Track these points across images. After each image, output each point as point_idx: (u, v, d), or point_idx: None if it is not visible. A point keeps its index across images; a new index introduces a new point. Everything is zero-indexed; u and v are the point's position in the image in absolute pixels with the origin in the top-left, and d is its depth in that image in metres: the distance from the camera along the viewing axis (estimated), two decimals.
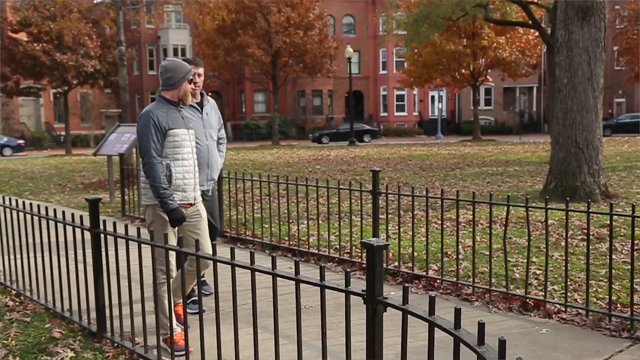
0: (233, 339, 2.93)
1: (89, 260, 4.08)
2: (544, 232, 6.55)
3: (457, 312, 1.92)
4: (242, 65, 41.92)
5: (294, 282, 2.63)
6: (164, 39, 49.04)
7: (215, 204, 4.99)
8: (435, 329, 2.03)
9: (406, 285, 2.20)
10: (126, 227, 3.62)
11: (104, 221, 3.89)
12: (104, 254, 3.97)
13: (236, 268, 2.87)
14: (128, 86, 16.10)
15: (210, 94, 49.53)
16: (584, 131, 9.43)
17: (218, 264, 3.00)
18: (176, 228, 3.88)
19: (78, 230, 4.27)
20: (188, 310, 4.47)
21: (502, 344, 1.65)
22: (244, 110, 52.15)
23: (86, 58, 32.29)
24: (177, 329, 3.84)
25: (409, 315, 2.13)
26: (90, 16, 30.86)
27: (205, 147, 4.70)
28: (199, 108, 4.74)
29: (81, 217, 4.17)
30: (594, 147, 9.47)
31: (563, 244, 6.32)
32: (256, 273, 2.76)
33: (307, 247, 6.58)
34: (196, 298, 4.65)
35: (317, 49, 38.42)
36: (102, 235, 3.91)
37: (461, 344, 1.87)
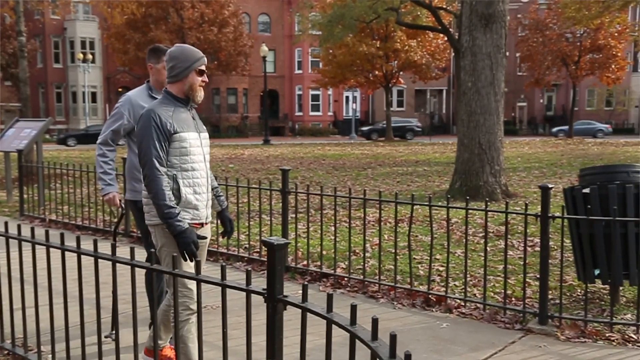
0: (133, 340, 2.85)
1: None
2: (450, 230, 6.80)
3: (353, 309, 1.96)
4: None
5: (194, 282, 2.58)
6: (70, 31, 46.93)
7: None
8: (337, 326, 2.06)
9: (306, 283, 2.22)
10: (19, 227, 3.43)
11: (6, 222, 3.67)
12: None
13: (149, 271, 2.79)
14: (30, 79, 15.29)
15: (120, 89, 48.00)
16: (487, 133, 9.87)
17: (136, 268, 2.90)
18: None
19: None
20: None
21: (393, 338, 1.69)
22: None
23: None
24: None
25: (316, 314, 2.15)
26: None
27: None
28: None
29: None
30: (496, 148, 9.93)
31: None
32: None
33: (217, 246, 6.50)
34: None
35: (232, 47, 38.10)
36: None
37: (357, 340, 1.90)
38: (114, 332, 3.37)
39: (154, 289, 2.98)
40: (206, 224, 3.34)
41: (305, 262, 5.82)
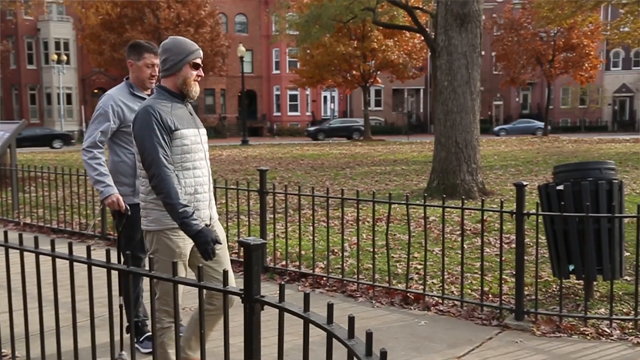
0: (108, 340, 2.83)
1: None
2: (428, 228, 6.85)
3: (330, 308, 1.96)
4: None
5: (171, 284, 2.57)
6: (44, 31, 46.25)
7: None
8: (314, 325, 2.07)
9: (283, 283, 2.22)
10: None
11: None
12: None
13: (111, 271, 2.77)
14: (3, 81, 15.06)
15: (96, 90, 47.48)
16: (463, 132, 9.96)
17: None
18: (187, 257, 3.12)
19: None
20: (142, 350, 3.87)
21: (369, 336, 1.70)
22: None
23: None
24: None
25: (293, 314, 2.16)
26: None
27: None
28: None
29: None
30: (472, 146, 10.03)
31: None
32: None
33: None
34: (150, 334, 3.87)
35: (209, 47, 37.86)
36: None
37: (334, 339, 1.91)
38: (123, 352, 3.32)
39: (131, 292, 2.95)
40: (210, 225, 3.17)
41: (283, 263, 5.82)
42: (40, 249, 3.04)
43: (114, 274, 2.83)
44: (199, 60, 3.09)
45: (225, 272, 2.32)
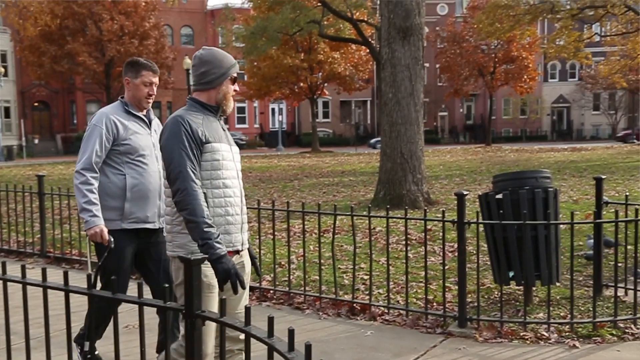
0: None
1: None
2: (375, 238, 6.92)
3: (270, 321, 1.97)
4: (73, 74, 39.56)
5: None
6: None
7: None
8: (255, 338, 2.06)
9: (224, 297, 2.21)
10: None
11: None
12: None
13: (48, 290, 2.69)
14: None
15: (36, 104, 46.13)
16: (408, 142, 10.13)
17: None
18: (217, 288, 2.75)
19: None
20: None
21: (307, 348, 1.71)
22: (75, 121, 49.13)
23: None
24: None
25: (234, 328, 2.15)
26: None
27: (156, 172, 3.61)
28: (147, 121, 3.68)
29: None
30: (417, 157, 10.21)
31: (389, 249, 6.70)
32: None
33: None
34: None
35: (154, 59, 37.33)
36: None
37: (275, 352, 1.91)
38: None
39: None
40: (242, 251, 2.90)
41: None
42: None
43: (53, 294, 2.75)
44: (236, 74, 2.92)
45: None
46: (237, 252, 2.85)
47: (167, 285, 2.36)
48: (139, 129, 3.61)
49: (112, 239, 3.52)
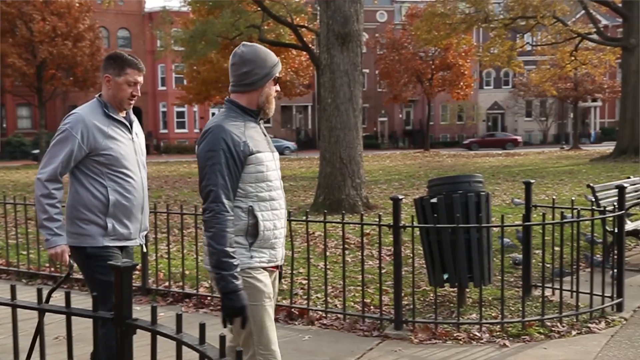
0: None
1: None
2: (314, 243, 6.95)
3: (202, 328, 1.95)
4: (2, 77, 37.95)
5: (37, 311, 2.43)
6: None
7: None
8: (186, 346, 2.04)
9: (154, 305, 2.17)
10: None
11: None
12: None
13: None
14: None
15: None
16: (347, 148, 10.23)
17: None
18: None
19: None
20: None
21: (238, 354, 1.70)
22: (5, 125, 47.26)
23: None
24: None
25: (165, 336, 2.11)
26: None
27: (140, 185, 3.24)
28: (128, 125, 3.28)
29: None
30: (356, 162, 10.32)
31: (328, 253, 6.74)
32: None
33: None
34: None
35: (89, 62, 36.31)
36: None
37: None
38: None
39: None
40: (280, 267, 2.74)
41: (167, 284, 5.67)
42: None
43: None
44: (278, 73, 2.68)
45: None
46: (277, 267, 2.71)
47: (95, 294, 2.30)
48: (120, 135, 3.19)
49: (73, 265, 3.24)
